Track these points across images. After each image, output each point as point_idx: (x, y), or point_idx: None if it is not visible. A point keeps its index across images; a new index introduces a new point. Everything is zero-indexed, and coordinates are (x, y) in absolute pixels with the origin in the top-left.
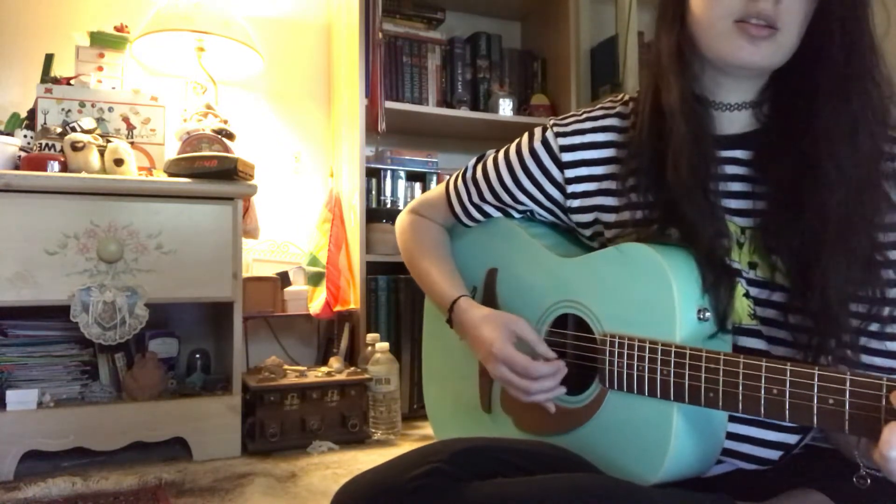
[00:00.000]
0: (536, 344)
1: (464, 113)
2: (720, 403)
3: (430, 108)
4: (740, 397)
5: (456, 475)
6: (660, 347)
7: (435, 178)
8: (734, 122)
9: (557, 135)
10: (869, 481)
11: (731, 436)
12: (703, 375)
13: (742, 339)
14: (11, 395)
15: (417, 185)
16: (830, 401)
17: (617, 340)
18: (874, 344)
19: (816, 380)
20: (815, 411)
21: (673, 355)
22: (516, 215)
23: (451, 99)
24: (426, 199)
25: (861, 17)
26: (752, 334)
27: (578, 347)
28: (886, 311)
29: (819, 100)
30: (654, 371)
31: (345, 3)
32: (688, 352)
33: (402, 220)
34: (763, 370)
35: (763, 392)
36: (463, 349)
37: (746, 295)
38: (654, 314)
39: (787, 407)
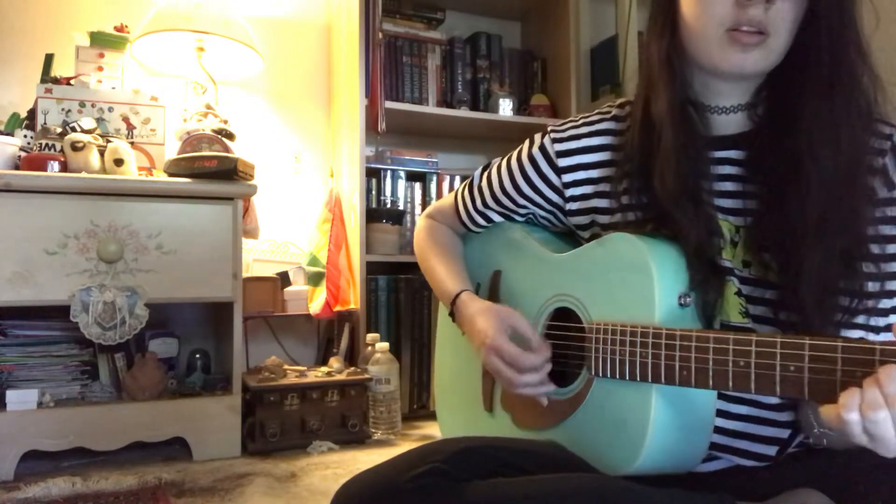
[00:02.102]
0: (531, 336)
1: (464, 113)
2: (693, 380)
3: (430, 108)
4: (710, 372)
5: (455, 475)
6: (639, 330)
7: (435, 178)
8: (730, 124)
9: (554, 140)
10: (825, 441)
11: (725, 432)
12: (678, 354)
13: None
14: (11, 395)
15: (417, 185)
16: (791, 367)
17: (602, 327)
18: (860, 334)
19: (779, 347)
20: (777, 380)
21: (651, 336)
22: (519, 219)
23: (451, 99)
24: (440, 206)
25: (845, 18)
26: (739, 332)
27: (570, 338)
28: (871, 303)
29: (804, 100)
30: (634, 354)
31: (345, 3)
32: (663, 332)
33: (419, 224)
34: (731, 343)
35: (731, 365)
36: (469, 350)
37: (738, 293)
38: (635, 299)
39: (753, 378)
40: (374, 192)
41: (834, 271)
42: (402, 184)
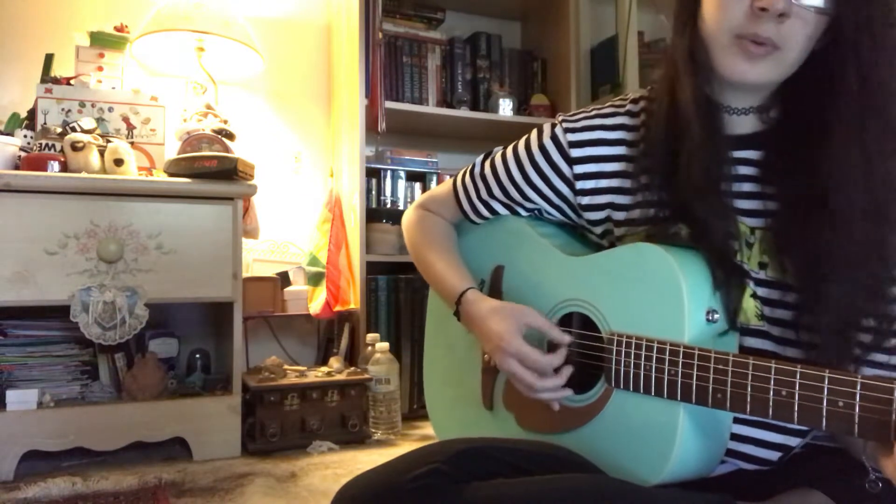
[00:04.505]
0: (549, 329)
1: (464, 113)
2: (728, 404)
3: (430, 108)
4: (748, 398)
5: (456, 476)
6: (668, 347)
7: (435, 178)
8: (743, 124)
9: (567, 130)
10: (880, 485)
11: (733, 436)
12: (712, 376)
13: (748, 340)
14: (11, 395)
15: (417, 185)
16: (840, 403)
17: (624, 340)
18: (880, 357)
19: (826, 382)
20: (824, 414)
21: (681, 356)
22: (524, 213)
23: (451, 99)
24: (433, 195)
25: (879, 43)
26: (758, 335)
27: (585, 346)
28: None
29: (833, 125)
30: (662, 371)
31: (345, 3)
32: (696, 352)
33: (409, 215)
34: (772, 372)
35: (772, 394)
36: (465, 346)
37: (754, 296)
38: (663, 314)
39: (796, 409)
40: (374, 192)
41: (859, 303)
42: (402, 184)
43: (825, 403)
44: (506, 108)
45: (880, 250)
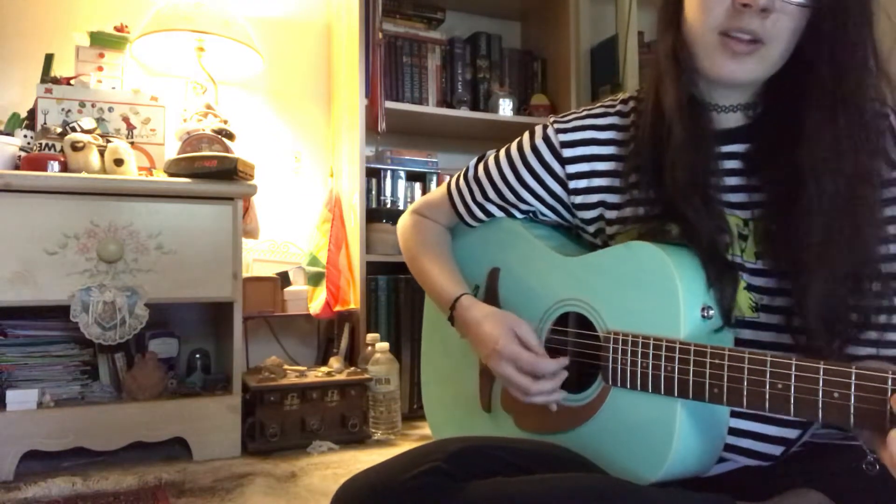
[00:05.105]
0: (536, 348)
1: (464, 113)
2: (724, 399)
3: (430, 108)
4: (745, 392)
5: (455, 474)
6: (664, 344)
7: (435, 178)
8: (730, 120)
9: (558, 131)
10: (877, 467)
11: (731, 430)
12: (708, 371)
13: (745, 332)
14: (11, 395)
15: (417, 185)
16: (836, 394)
17: (621, 338)
18: (869, 350)
19: (822, 374)
20: (820, 405)
21: (677, 352)
22: (519, 215)
23: (451, 99)
24: (428, 200)
25: (853, 38)
26: (754, 326)
27: (581, 345)
28: (882, 318)
29: (805, 113)
30: (658, 367)
31: (345, 3)
32: (692, 348)
33: (403, 220)
34: (768, 365)
35: (768, 387)
36: (462, 348)
37: (748, 288)
38: (659, 312)
39: (792, 401)
40: (374, 192)
41: (840, 293)
42: (402, 184)
43: (821, 395)
44: (506, 108)
45: (856, 242)
